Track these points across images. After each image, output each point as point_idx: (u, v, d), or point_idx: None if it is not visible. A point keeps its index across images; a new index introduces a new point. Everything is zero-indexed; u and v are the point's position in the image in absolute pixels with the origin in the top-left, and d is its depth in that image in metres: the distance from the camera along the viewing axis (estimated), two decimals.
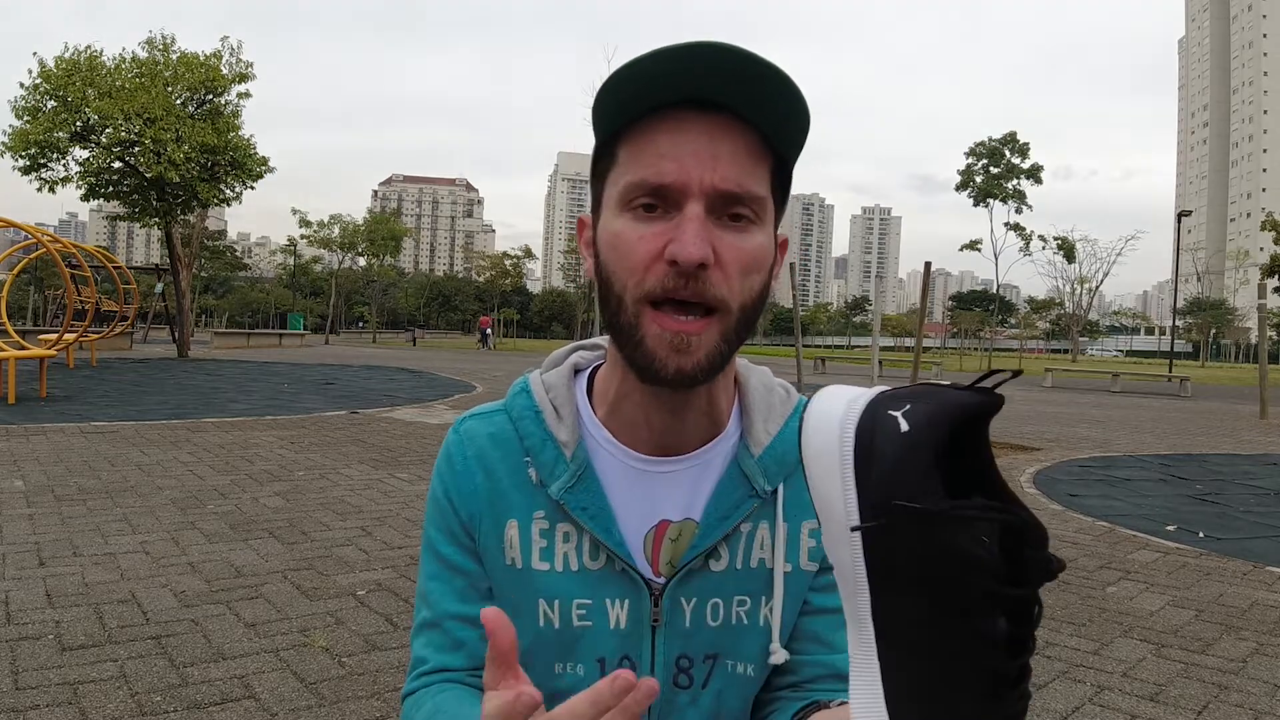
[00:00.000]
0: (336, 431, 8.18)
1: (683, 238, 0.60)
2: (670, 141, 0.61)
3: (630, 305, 0.64)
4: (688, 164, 0.61)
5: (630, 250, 0.63)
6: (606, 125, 0.64)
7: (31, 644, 2.78)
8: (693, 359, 0.63)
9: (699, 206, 0.61)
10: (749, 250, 0.63)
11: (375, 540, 4.26)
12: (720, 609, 0.73)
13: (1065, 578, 4.11)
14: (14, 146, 16.96)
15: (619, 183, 0.64)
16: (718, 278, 0.62)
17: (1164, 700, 2.74)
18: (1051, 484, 6.77)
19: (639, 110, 0.62)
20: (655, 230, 0.62)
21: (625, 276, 0.64)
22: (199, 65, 18.42)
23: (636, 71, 0.59)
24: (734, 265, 0.63)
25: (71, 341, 14.07)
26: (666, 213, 0.62)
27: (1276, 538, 5.10)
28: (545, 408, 0.76)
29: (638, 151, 0.63)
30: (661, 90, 0.60)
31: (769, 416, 0.76)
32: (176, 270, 20.85)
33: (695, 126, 0.61)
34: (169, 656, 2.74)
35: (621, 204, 0.64)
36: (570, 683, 0.72)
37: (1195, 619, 3.57)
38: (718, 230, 0.62)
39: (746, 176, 0.62)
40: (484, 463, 0.76)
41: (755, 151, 0.63)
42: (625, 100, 0.62)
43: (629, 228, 0.63)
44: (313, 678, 2.65)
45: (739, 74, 0.59)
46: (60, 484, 5.24)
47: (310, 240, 54.14)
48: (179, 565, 3.72)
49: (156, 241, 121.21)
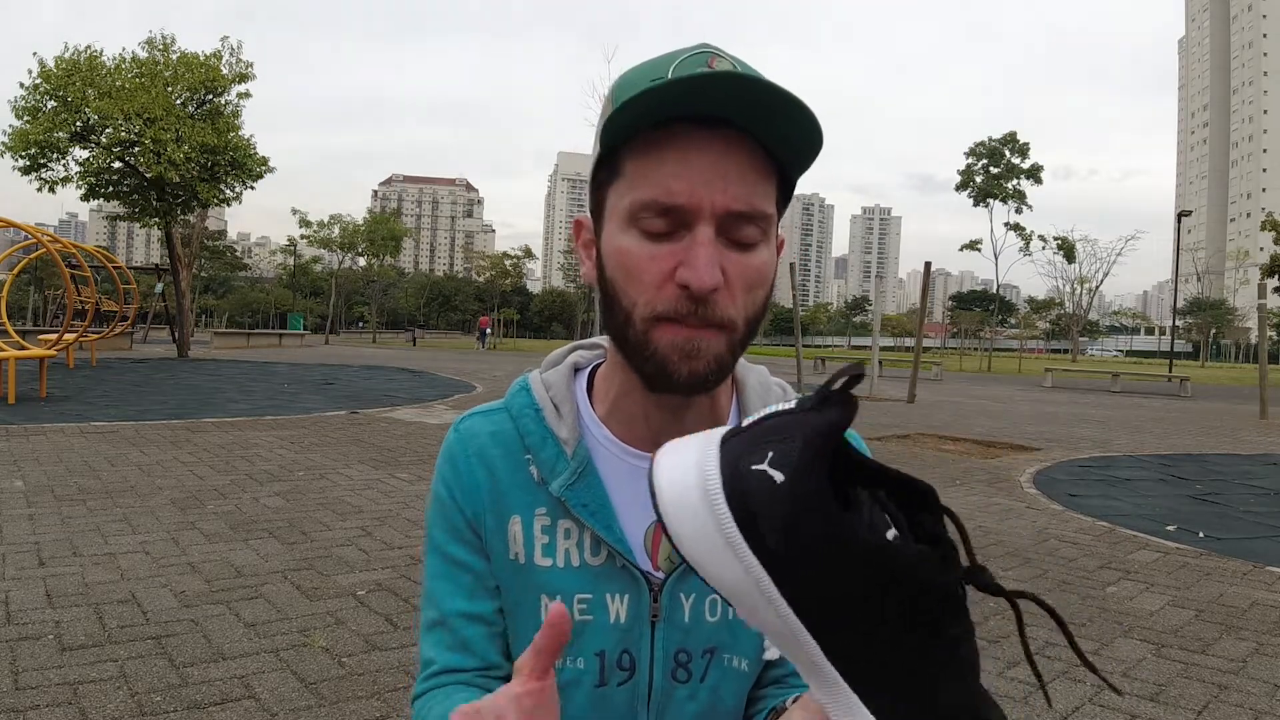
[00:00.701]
0: (336, 431, 8.18)
1: (695, 264, 0.60)
2: (679, 160, 0.61)
3: (639, 323, 0.64)
4: (697, 185, 0.61)
5: (640, 270, 0.63)
6: (611, 137, 0.64)
7: (31, 644, 2.78)
8: (703, 362, 0.64)
9: (709, 230, 0.61)
10: (755, 268, 0.64)
11: (375, 540, 4.26)
12: (719, 604, 0.74)
13: (1064, 576, 4.12)
14: (14, 146, 16.97)
15: (626, 197, 0.64)
16: (725, 299, 0.62)
17: (1164, 700, 2.74)
18: (1051, 484, 6.78)
19: (645, 125, 0.62)
20: (665, 251, 0.62)
21: (635, 295, 0.64)
22: (199, 65, 18.42)
23: (651, 97, 0.58)
24: (741, 284, 0.63)
25: (71, 342, 14.08)
26: (675, 233, 0.62)
27: (1276, 538, 5.10)
28: (545, 406, 0.77)
29: (645, 168, 0.62)
30: (673, 109, 0.60)
31: None
32: (176, 270, 20.85)
33: (705, 145, 0.61)
34: (169, 656, 2.74)
35: (629, 220, 0.64)
36: (571, 676, 0.73)
37: (1195, 619, 3.57)
38: (726, 251, 0.63)
39: (755, 194, 0.62)
40: (485, 460, 0.77)
41: (762, 168, 0.63)
42: (632, 115, 0.61)
43: (638, 246, 0.63)
44: (313, 678, 2.65)
45: (754, 97, 0.58)
46: (60, 484, 5.24)
47: (310, 240, 54.14)
48: (179, 565, 3.72)
49: (156, 241, 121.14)
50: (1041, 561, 4.41)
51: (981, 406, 14.69)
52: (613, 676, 0.72)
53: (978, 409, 14.08)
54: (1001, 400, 16.56)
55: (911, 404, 14.09)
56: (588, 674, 0.72)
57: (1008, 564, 4.34)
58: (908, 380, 15.76)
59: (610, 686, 0.73)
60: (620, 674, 0.73)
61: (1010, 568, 4.27)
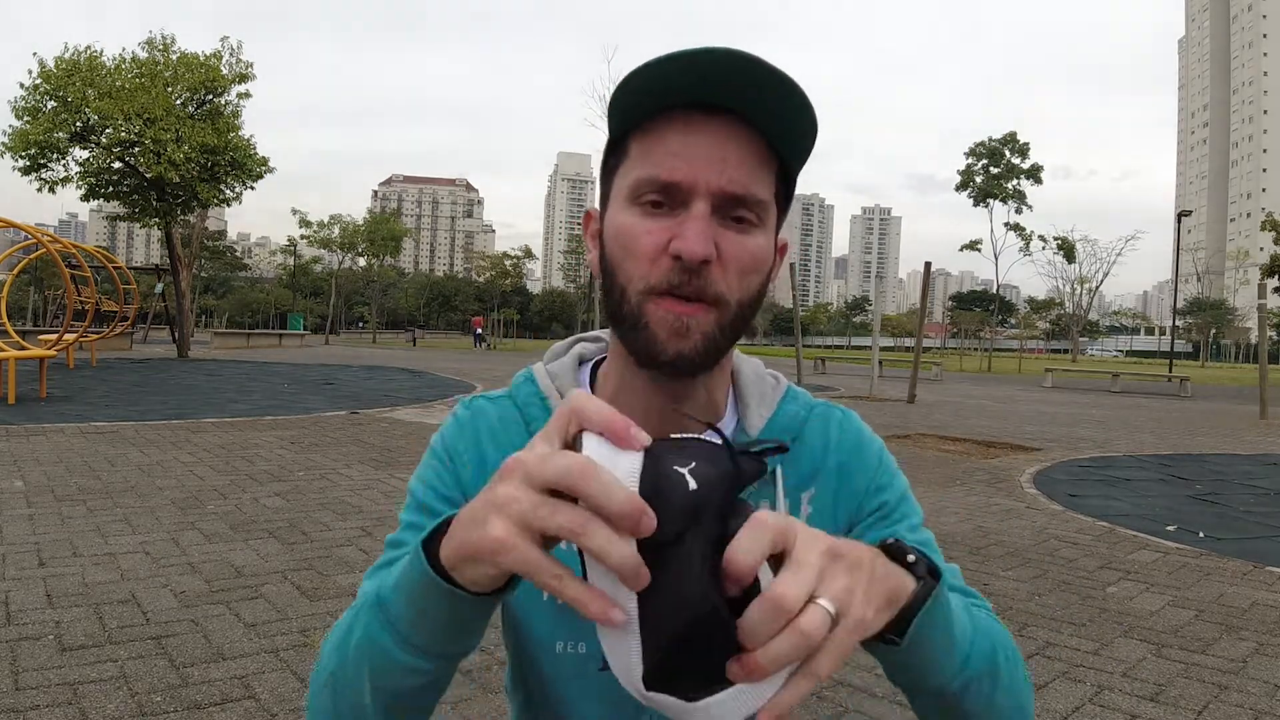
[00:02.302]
0: (336, 432, 8.18)
1: (687, 234, 0.62)
2: (681, 141, 0.63)
3: (634, 296, 0.65)
4: (697, 165, 0.63)
5: (636, 242, 0.65)
6: (620, 122, 0.66)
7: (31, 644, 2.78)
8: (690, 342, 0.65)
9: (705, 205, 0.63)
10: (750, 250, 0.65)
11: (375, 540, 4.26)
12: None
13: (1065, 576, 4.12)
14: (14, 147, 16.97)
15: (629, 176, 0.66)
16: (718, 274, 0.64)
17: (1164, 700, 2.74)
18: (1051, 484, 6.77)
19: (652, 109, 0.64)
20: (661, 225, 0.64)
21: (630, 268, 0.65)
22: (199, 65, 18.43)
23: (652, 73, 0.61)
24: (734, 263, 0.65)
25: (71, 342, 14.08)
26: (673, 209, 0.64)
27: (1277, 538, 5.10)
28: (551, 394, 0.77)
29: (649, 149, 0.65)
30: (674, 92, 0.62)
31: (762, 402, 0.78)
32: (176, 270, 20.86)
33: (705, 128, 0.63)
34: (169, 657, 2.74)
35: (630, 197, 0.66)
36: (573, 663, 0.73)
37: (1195, 619, 3.57)
38: (721, 229, 0.64)
39: (752, 180, 0.64)
40: (493, 438, 0.77)
41: (762, 156, 0.65)
42: (639, 99, 0.63)
43: (636, 221, 0.65)
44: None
45: (749, 79, 0.60)
46: (60, 484, 5.24)
47: (310, 240, 54.21)
48: (179, 565, 3.72)
49: (156, 242, 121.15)
50: (1041, 562, 4.41)
51: (981, 406, 14.69)
52: None
53: (977, 409, 14.08)
54: (1001, 400, 16.56)
55: (911, 404, 14.09)
56: (590, 658, 0.72)
57: (1008, 564, 4.34)
58: (908, 380, 15.76)
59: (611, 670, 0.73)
60: None
61: (1010, 568, 4.27)
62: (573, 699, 0.73)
